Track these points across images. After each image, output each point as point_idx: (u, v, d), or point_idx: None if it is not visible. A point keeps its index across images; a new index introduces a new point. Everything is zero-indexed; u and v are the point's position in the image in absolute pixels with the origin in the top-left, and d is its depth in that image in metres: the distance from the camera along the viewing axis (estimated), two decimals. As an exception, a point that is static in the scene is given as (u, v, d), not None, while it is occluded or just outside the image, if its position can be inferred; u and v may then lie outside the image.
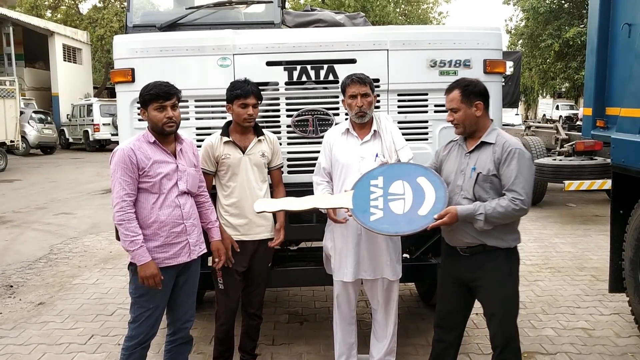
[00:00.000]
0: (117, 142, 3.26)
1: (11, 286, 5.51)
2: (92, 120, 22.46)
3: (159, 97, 2.82)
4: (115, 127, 21.77)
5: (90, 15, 30.79)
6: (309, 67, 3.51)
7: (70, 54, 28.02)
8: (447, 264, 3.06)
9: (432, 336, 3.16)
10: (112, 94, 29.18)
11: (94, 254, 6.73)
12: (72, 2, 32.56)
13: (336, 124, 3.52)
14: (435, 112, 3.59)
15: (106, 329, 4.39)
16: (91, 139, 22.69)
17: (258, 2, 4.10)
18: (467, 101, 2.80)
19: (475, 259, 2.85)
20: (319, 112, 3.58)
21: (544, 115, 27.59)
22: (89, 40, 29.83)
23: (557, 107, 31.01)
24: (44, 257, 6.66)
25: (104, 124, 22.33)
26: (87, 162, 18.59)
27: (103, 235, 7.69)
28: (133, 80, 3.49)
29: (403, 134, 3.39)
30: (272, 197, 3.39)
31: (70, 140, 24.17)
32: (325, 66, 3.52)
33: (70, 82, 27.22)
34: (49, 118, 21.94)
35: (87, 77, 30.16)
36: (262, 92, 3.30)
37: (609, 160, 7.77)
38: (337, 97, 3.52)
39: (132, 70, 3.48)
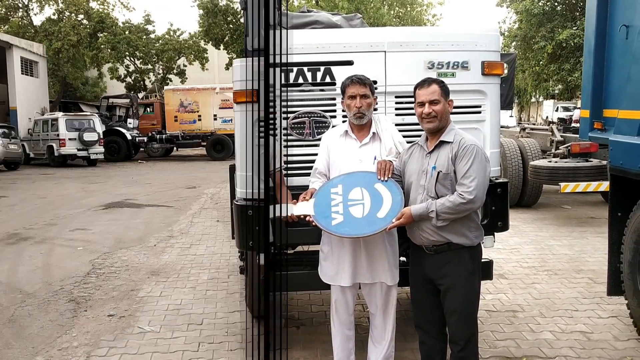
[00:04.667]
0: (82, 158, 3.09)
1: (77, 301, 5.22)
2: (58, 135, 21.07)
3: None
4: (82, 142, 20.92)
5: (46, 28, 29.40)
6: (305, 69, 3.46)
7: (28, 67, 26.56)
8: (414, 263, 3.13)
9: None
10: (65, 109, 27.94)
11: (138, 268, 6.41)
12: (25, 13, 30.97)
13: (333, 126, 3.47)
14: None
15: (207, 336, 4.27)
16: (56, 154, 21.23)
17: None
18: (445, 96, 2.91)
19: (440, 257, 2.92)
20: (315, 115, 3.53)
21: (547, 117, 27.62)
22: (44, 53, 28.42)
23: (557, 109, 31.01)
24: (91, 272, 6.31)
25: (70, 139, 21.01)
26: (61, 177, 17.47)
27: (135, 250, 7.32)
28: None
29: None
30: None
31: (31, 155, 22.60)
32: (322, 68, 3.47)
33: (28, 95, 25.85)
34: (13, 132, 20.83)
35: (44, 90, 28.61)
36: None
37: (604, 162, 7.86)
38: (335, 99, 3.48)
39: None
